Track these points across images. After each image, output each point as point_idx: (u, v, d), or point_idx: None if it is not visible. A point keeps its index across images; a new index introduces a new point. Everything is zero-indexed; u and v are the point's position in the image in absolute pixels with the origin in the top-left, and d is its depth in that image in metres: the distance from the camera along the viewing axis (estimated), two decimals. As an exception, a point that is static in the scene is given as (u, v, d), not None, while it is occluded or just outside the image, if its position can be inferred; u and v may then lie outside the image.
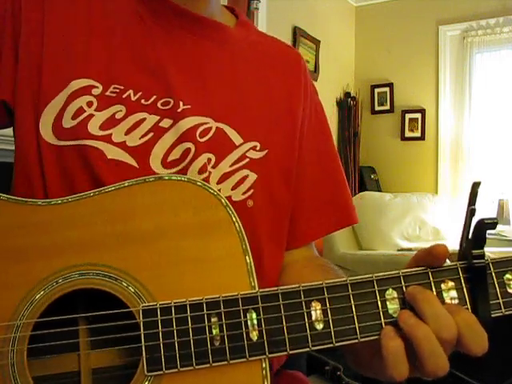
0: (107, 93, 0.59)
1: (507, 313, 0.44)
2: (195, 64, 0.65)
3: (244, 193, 0.62)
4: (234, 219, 0.49)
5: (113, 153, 0.58)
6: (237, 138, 0.63)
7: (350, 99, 4.25)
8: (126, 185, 0.51)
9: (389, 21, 4.32)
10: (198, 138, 0.60)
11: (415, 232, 3.49)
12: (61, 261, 0.48)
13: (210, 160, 0.60)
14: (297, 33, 3.68)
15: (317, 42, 3.93)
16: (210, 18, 0.68)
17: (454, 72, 4.10)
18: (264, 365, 0.45)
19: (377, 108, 4.38)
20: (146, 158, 0.59)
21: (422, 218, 3.53)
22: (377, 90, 4.37)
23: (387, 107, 4.33)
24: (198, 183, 0.51)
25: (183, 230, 0.49)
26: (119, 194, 0.51)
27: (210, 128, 0.62)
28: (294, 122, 0.69)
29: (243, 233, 0.49)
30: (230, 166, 0.62)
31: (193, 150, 0.59)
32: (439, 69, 4.13)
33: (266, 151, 0.65)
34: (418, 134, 4.21)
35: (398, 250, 3.23)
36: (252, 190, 0.63)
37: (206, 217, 0.49)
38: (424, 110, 4.19)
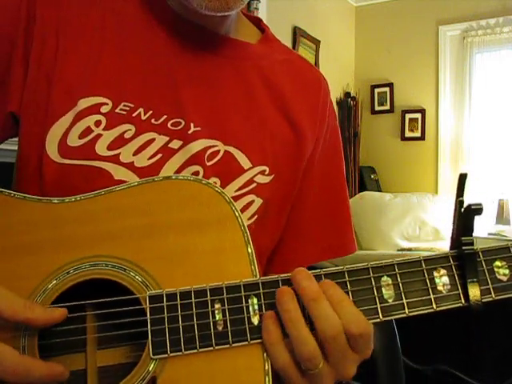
0: (117, 110, 0.58)
1: (497, 298, 0.47)
2: (210, 84, 0.63)
3: (249, 218, 0.62)
4: (236, 214, 0.52)
5: (120, 173, 0.57)
6: (246, 163, 0.62)
7: (350, 99, 4.25)
8: (136, 184, 0.54)
9: (389, 21, 4.32)
10: (206, 162, 0.60)
11: (415, 232, 3.50)
12: (72, 253, 0.50)
13: (215, 184, 0.60)
14: (297, 33, 3.69)
15: (317, 42, 3.94)
16: (228, 36, 0.66)
17: (454, 72, 4.10)
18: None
19: (377, 108, 4.39)
20: None
21: (422, 218, 3.53)
22: (377, 90, 4.37)
23: (387, 107, 4.33)
24: (203, 182, 0.54)
25: (190, 225, 0.52)
26: (129, 192, 0.53)
27: (218, 151, 0.61)
28: (302, 151, 0.68)
29: (245, 226, 0.52)
30: (236, 191, 0.61)
31: (201, 173, 0.59)
32: (439, 69, 4.13)
33: (273, 175, 0.64)
34: (418, 133, 4.21)
35: (398, 250, 3.24)
36: (256, 216, 0.62)
37: (210, 212, 0.52)
38: (424, 110, 4.19)
